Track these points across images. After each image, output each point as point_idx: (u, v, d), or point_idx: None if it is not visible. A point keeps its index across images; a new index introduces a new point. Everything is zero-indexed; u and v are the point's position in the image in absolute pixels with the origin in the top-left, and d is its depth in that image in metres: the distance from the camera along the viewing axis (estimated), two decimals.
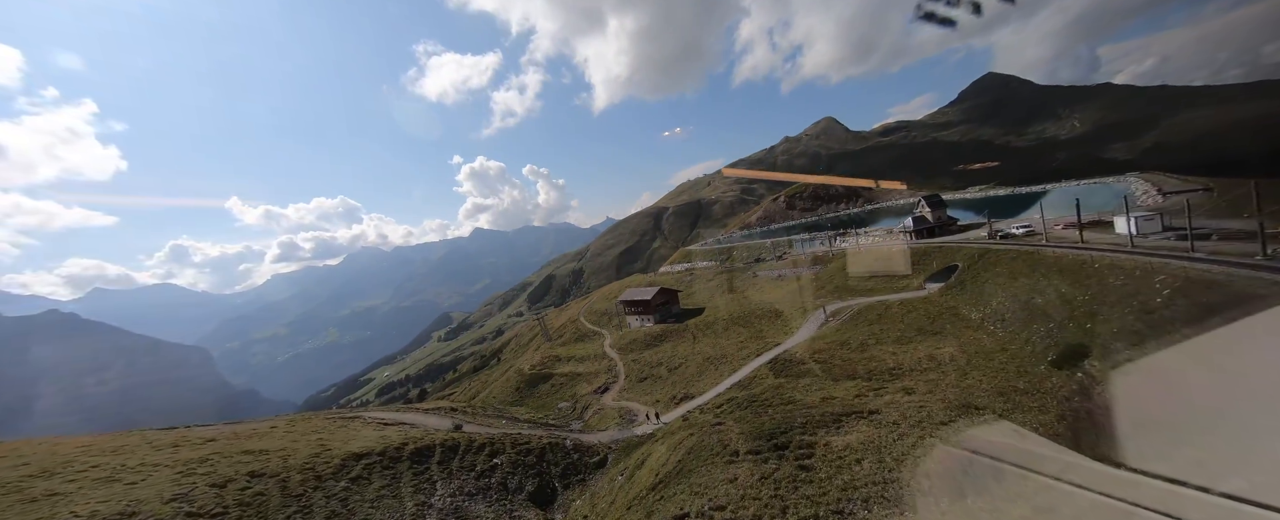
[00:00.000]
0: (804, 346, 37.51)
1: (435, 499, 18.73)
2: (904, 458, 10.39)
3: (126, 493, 13.54)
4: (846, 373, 27.29)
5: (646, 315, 68.01)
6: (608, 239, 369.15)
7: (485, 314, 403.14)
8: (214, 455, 18.62)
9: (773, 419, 16.12)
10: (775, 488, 9.87)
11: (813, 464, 10.84)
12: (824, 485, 9.86)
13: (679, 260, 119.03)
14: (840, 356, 31.51)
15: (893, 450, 11.00)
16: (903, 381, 22.02)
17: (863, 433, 12.50)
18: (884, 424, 13.27)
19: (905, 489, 8.64)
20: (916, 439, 11.28)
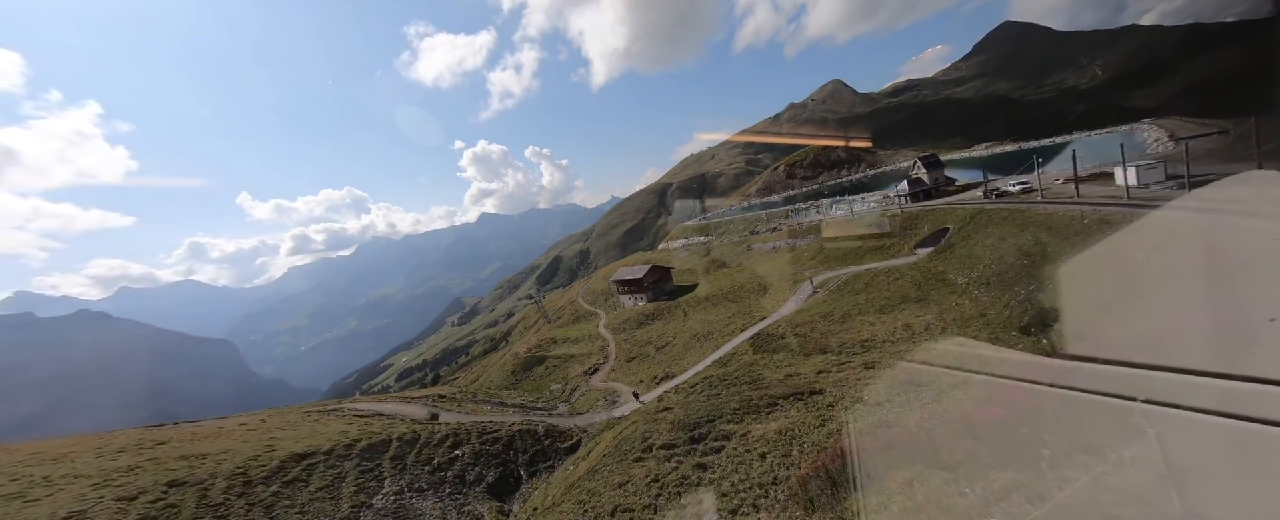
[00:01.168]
0: (787, 320, 36.34)
1: (377, 499, 18.33)
2: (816, 448, 9.35)
3: (18, 512, 13.21)
4: (819, 347, 26.14)
5: (639, 294, 67.26)
6: (613, 218, 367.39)
7: (496, 298, 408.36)
8: (150, 462, 18.36)
9: (709, 404, 15.16)
10: (659, 492, 8.95)
11: (716, 461, 9.86)
12: (711, 487, 9.01)
13: (678, 236, 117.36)
14: (819, 329, 30.30)
15: (807, 439, 9.94)
16: (871, 354, 20.80)
17: (792, 418, 11.46)
18: (817, 407, 12.20)
19: (796, 490, 7.65)
20: (838, 426, 10.24)
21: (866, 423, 9.23)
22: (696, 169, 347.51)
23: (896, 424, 7.80)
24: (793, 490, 7.41)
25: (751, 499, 7.88)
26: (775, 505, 7.52)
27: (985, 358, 9.10)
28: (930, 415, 7.46)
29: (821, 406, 12.16)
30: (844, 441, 7.72)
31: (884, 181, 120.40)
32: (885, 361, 18.21)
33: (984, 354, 9.97)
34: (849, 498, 6.49)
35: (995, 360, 8.10)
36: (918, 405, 8.29)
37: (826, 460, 7.14)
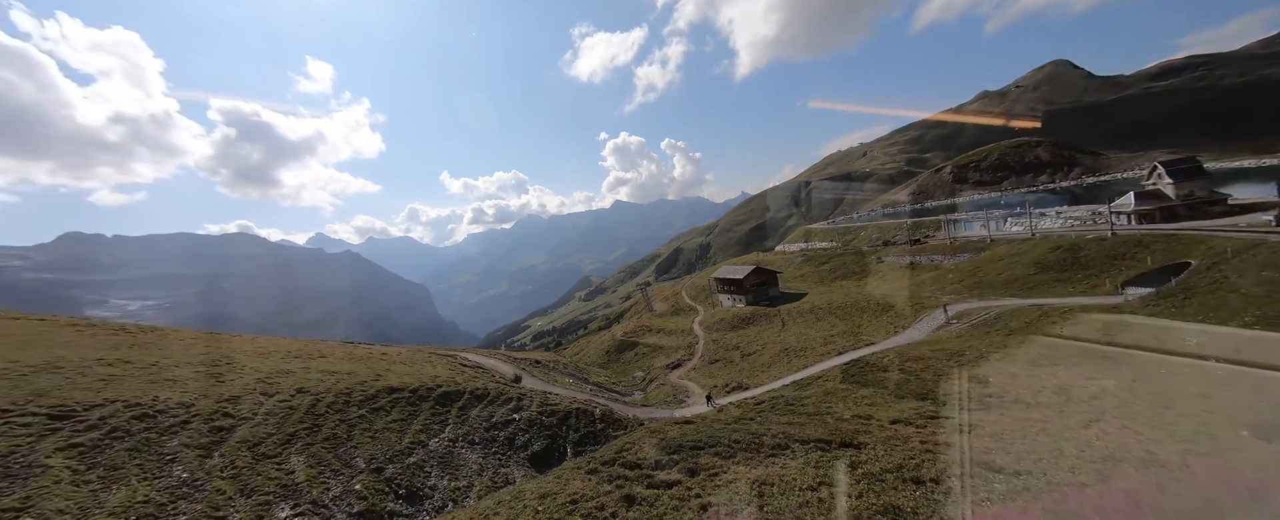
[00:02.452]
0: (898, 351, 29.74)
1: (433, 441, 20.53)
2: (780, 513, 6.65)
3: (204, 386, 18.64)
4: (920, 390, 20.65)
5: (739, 295, 63.39)
6: (738, 214, 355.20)
7: (619, 280, 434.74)
8: (302, 368, 24.00)
9: (713, 429, 12.71)
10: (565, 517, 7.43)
11: (655, 498, 7.88)
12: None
13: (798, 239, 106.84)
14: (934, 369, 23.91)
15: (779, 500, 7.22)
16: (986, 415, 15.33)
17: (786, 469, 8.67)
18: (832, 461, 9.03)
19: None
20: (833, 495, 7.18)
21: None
22: (842, 167, 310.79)
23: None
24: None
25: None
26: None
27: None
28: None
29: (835, 462, 9.02)
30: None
31: (1104, 193, 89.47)
32: (990, 433, 13.13)
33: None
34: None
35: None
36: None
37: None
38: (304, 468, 15.53)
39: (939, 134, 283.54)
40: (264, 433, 16.79)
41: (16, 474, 11.30)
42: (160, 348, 26.31)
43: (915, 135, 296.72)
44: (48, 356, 19.99)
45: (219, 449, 15.17)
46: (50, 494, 10.84)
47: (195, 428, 15.79)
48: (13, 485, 10.86)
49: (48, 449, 12.45)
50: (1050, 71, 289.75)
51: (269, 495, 13.52)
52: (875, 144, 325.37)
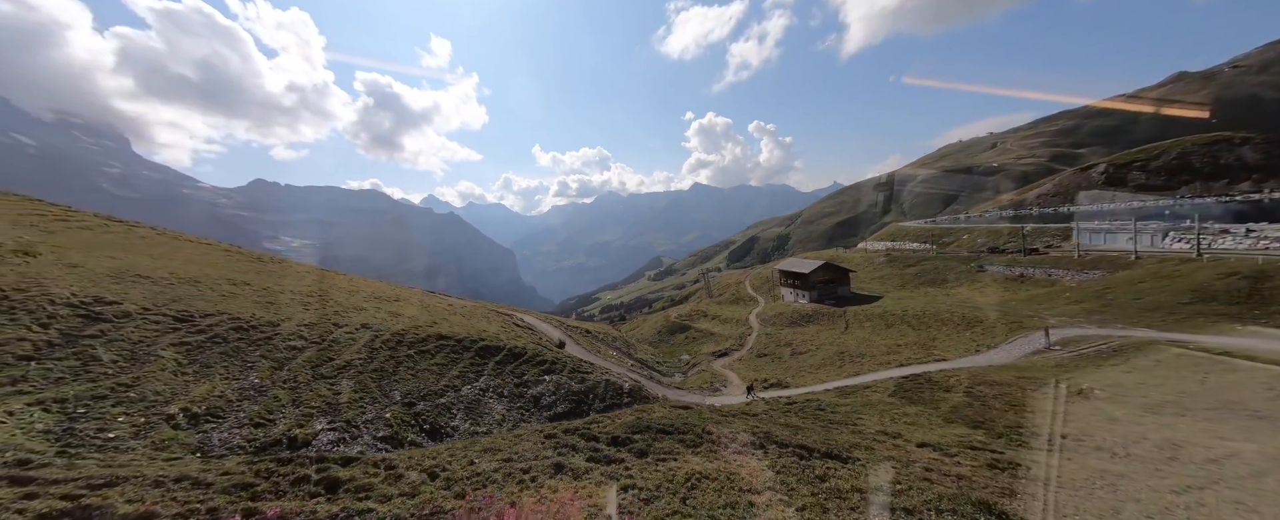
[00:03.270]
0: (972, 373, 25.59)
1: (466, 388, 22.24)
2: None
3: (296, 310, 22.03)
4: (981, 418, 17.59)
5: (802, 290, 59.17)
6: (825, 206, 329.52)
7: (689, 263, 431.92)
8: (375, 307, 27.42)
9: (693, 417, 11.71)
10: (507, 469, 7.07)
11: (577, 471, 7.31)
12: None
13: (886, 237, 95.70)
14: (1008, 397, 20.21)
15: (696, 498, 6.16)
16: (1048, 456, 12.48)
17: (739, 469, 7.59)
18: (792, 470, 7.69)
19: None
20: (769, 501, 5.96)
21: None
22: (961, 159, 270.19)
23: None
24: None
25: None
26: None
27: None
28: None
29: (804, 471, 7.72)
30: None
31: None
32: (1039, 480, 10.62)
33: None
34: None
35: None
36: None
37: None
38: (349, 392, 17.71)
39: (1102, 125, 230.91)
40: (325, 356, 19.42)
41: (139, 358, 14.36)
42: (280, 276, 31.65)
43: (1068, 126, 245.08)
44: (195, 273, 24.97)
45: (288, 364, 17.86)
46: (154, 377, 13.60)
47: (275, 344, 18.76)
48: (133, 366, 13.81)
49: (165, 344, 15.61)
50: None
51: (314, 409, 15.65)
52: (1010, 134, 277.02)
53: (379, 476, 6.73)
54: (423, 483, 6.57)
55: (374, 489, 6.22)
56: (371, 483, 6.46)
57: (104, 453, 9.46)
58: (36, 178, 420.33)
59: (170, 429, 11.82)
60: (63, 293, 15.80)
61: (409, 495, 5.94)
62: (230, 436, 12.63)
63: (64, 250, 21.57)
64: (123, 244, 28.31)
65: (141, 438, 11.02)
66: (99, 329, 14.82)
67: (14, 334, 12.78)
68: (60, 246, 22.60)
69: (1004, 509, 7.52)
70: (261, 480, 6.31)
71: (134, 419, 11.65)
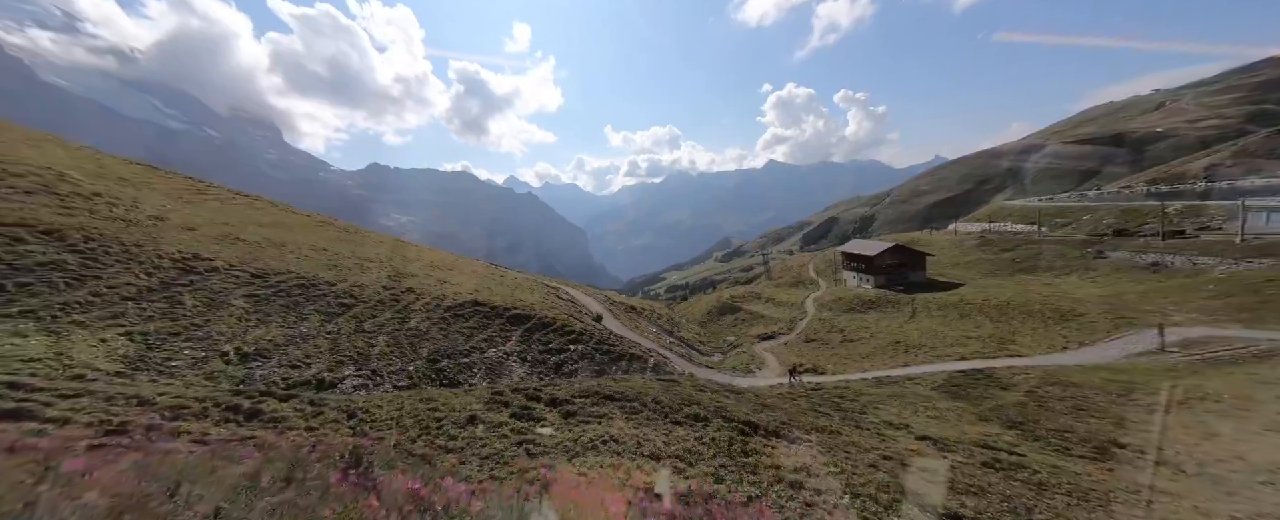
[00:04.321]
0: (1050, 373, 21.51)
1: (491, 351, 23.64)
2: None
3: (356, 274, 24.91)
4: (1024, 419, 14.81)
5: (867, 275, 53.86)
6: (923, 183, 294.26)
7: (759, 245, 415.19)
8: (429, 275, 30.13)
9: (648, 387, 10.92)
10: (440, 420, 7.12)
11: (490, 424, 6.99)
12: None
13: (984, 218, 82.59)
14: (1080, 401, 16.71)
15: (590, 460, 5.58)
16: (1098, 468, 10.02)
17: (660, 437, 6.73)
18: (716, 441, 6.68)
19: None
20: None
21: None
22: (1113, 124, 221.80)
23: None
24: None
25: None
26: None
27: None
28: None
29: (728, 444, 6.76)
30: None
31: None
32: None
33: None
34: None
35: None
36: None
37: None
38: (382, 345, 19.68)
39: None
40: (369, 313, 21.73)
41: (215, 304, 17.19)
42: (357, 244, 35.95)
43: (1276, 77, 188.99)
44: (285, 238, 29.18)
45: (335, 319, 20.27)
46: (222, 321, 16.20)
47: (328, 300, 21.37)
48: (208, 311, 16.57)
49: (238, 295, 18.50)
50: None
51: (346, 358, 17.64)
52: (1187, 91, 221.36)
53: (304, 412, 7.38)
54: (332, 420, 7.06)
55: (285, 419, 6.84)
56: (288, 415, 7.11)
57: (155, 376, 11.46)
58: (216, 162, 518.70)
59: (222, 363, 14.01)
60: (171, 249, 19.30)
61: (308, 429, 6.44)
62: (269, 374, 14.68)
63: (188, 217, 26.40)
64: (239, 214, 33.94)
65: (197, 369, 13.18)
66: (190, 280, 17.92)
67: (125, 279, 15.90)
68: (189, 214, 27.71)
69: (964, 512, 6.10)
70: (197, 404, 7.28)
71: (196, 353, 13.97)
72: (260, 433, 6.11)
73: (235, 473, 3.31)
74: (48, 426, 4.93)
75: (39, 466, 2.92)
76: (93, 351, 11.46)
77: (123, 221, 20.50)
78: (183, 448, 4.49)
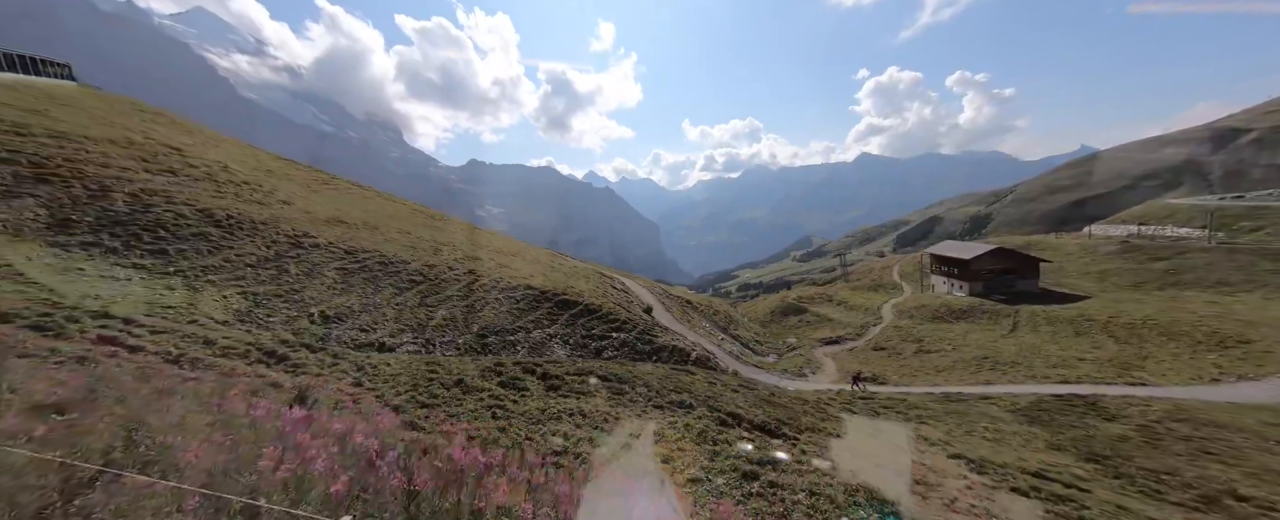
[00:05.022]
0: (1180, 404, 17.14)
1: (536, 331, 25.15)
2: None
3: (431, 256, 27.97)
4: (1114, 454, 12.08)
5: (960, 280, 47.22)
6: (1057, 177, 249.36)
7: (844, 245, 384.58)
8: (493, 261, 32.86)
9: (649, 374, 10.44)
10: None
11: (475, 390, 7.17)
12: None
13: (1131, 219, 66.80)
14: (1215, 447, 13.16)
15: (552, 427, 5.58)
16: (1154, 514, 7.76)
17: (620, 411, 6.52)
18: (694, 426, 6.19)
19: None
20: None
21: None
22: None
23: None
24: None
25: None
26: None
27: None
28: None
29: (697, 432, 6.29)
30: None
31: None
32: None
33: None
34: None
35: None
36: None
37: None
38: (439, 318, 21.96)
39: None
40: (433, 290, 24.33)
41: (312, 274, 20.54)
42: (438, 230, 40.32)
43: None
44: (381, 223, 33.69)
45: (405, 293, 23.04)
46: (314, 288, 19.32)
47: (401, 277, 24.34)
48: (306, 279, 19.87)
49: (331, 267, 21.89)
50: None
51: (407, 327, 20.00)
52: None
53: (323, 362, 8.64)
54: (341, 370, 8.15)
55: (303, 365, 8.09)
56: (307, 363, 8.38)
57: (252, 328, 14.09)
58: (354, 159, 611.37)
59: (307, 323, 16.74)
60: (287, 228, 23.41)
61: (316, 374, 7.55)
62: (342, 334, 17.22)
63: (310, 203, 31.78)
64: (350, 202, 39.92)
65: (287, 326, 15.92)
66: (297, 253, 21.61)
67: (250, 249, 19.66)
68: (311, 200, 33.33)
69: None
70: (244, 347, 8.89)
71: (290, 312, 16.86)
72: (268, 371, 7.40)
73: (145, 389, 4.06)
74: (120, 350, 6.54)
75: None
76: (214, 304, 14.42)
77: (258, 204, 25.27)
78: (175, 370, 5.66)
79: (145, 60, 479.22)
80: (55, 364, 5.13)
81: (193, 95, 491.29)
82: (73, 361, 5.38)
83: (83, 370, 4.90)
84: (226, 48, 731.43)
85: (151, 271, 15.03)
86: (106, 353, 6.01)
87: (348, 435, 4.23)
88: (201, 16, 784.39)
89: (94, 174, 18.69)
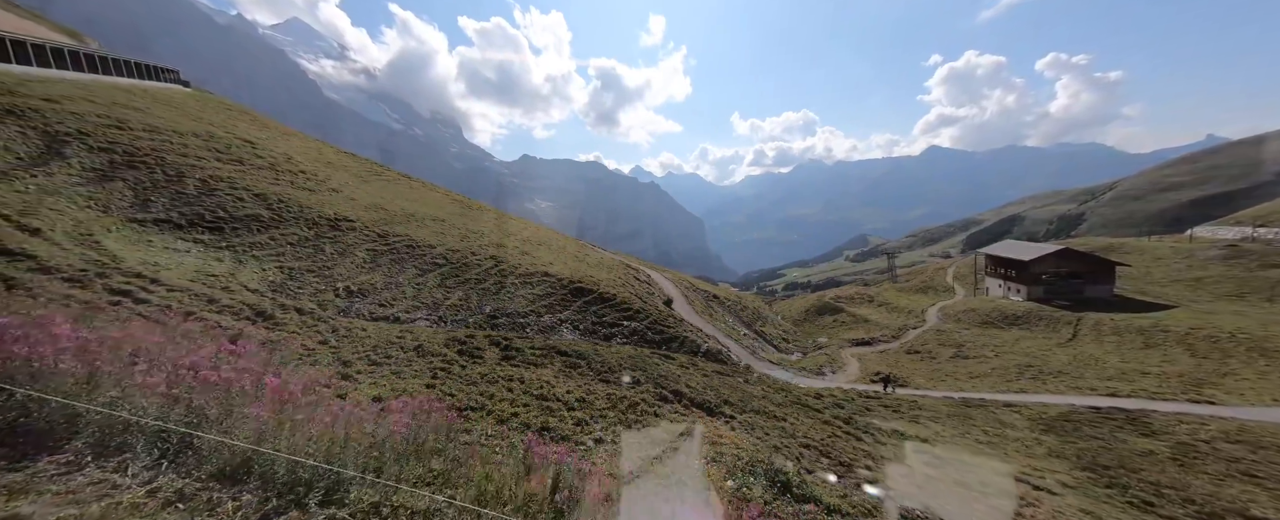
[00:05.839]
0: (1245, 427, 14.67)
1: (547, 316, 26.10)
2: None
3: (459, 242, 29.79)
4: (1122, 467, 10.72)
5: (1016, 284, 42.80)
6: (1172, 173, 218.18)
7: (905, 245, 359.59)
8: (517, 249, 34.35)
9: (655, 363, 10.37)
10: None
11: (479, 356, 7.67)
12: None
13: (1248, 220, 56.24)
14: (1269, 471, 11.23)
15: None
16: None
17: (563, 383, 6.59)
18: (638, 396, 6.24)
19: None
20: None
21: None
22: None
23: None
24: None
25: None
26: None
27: None
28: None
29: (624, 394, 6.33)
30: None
31: None
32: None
33: None
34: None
35: None
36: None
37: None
38: (454, 299, 23.44)
39: None
40: (453, 273, 25.95)
41: (344, 253, 22.68)
42: (472, 219, 42.72)
43: None
44: (417, 210, 36.28)
45: (427, 274, 24.79)
46: (343, 266, 21.34)
47: (427, 259, 26.17)
48: (338, 257, 21.99)
49: (362, 248, 24.01)
50: None
51: (422, 305, 21.56)
52: None
53: (303, 322, 9.69)
54: (315, 330, 9.11)
55: (283, 324, 9.14)
56: (287, 322, 9.43)
57: (280, 297, 15.91)
58: (419, 154, 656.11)
59: (332, 296, 18.58)
60: (329, 212, 25.94)
61: (290, 332, 8.53)
62: (361, 308, 18.95)
63: (357, 190, 34.90)
64: (395, 191, 43.25)
65: (313, 297, 17.79)
66: (334, 234, 23.92)
67: (294, 230, 22.06)
68: (358, 189, 36.57)
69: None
70: (244, 307, 10.19)
71: (318, 286, 18.80)
72: (248, 326, 8.51)
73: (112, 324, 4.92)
74: (125, 301, 7.87)
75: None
76: (252, 276, 16.43)
77: (307, 191, 28.16)
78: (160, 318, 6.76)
79: (250, 67, 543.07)
80: (58, 302, 6.28)
81: (288, 96, 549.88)
82: (77, 304, 6.52)
83: (70, 308, 5.93)
84: (315, 53, 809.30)
85: (207, 245, 17.37)
86: (111, 301, 7.28)
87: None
88: (296, 25, 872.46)
89: (174, 161, 21.81)
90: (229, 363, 4.32)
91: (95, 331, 3.93)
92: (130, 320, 5.58)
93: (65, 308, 5.47)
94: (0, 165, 15.02)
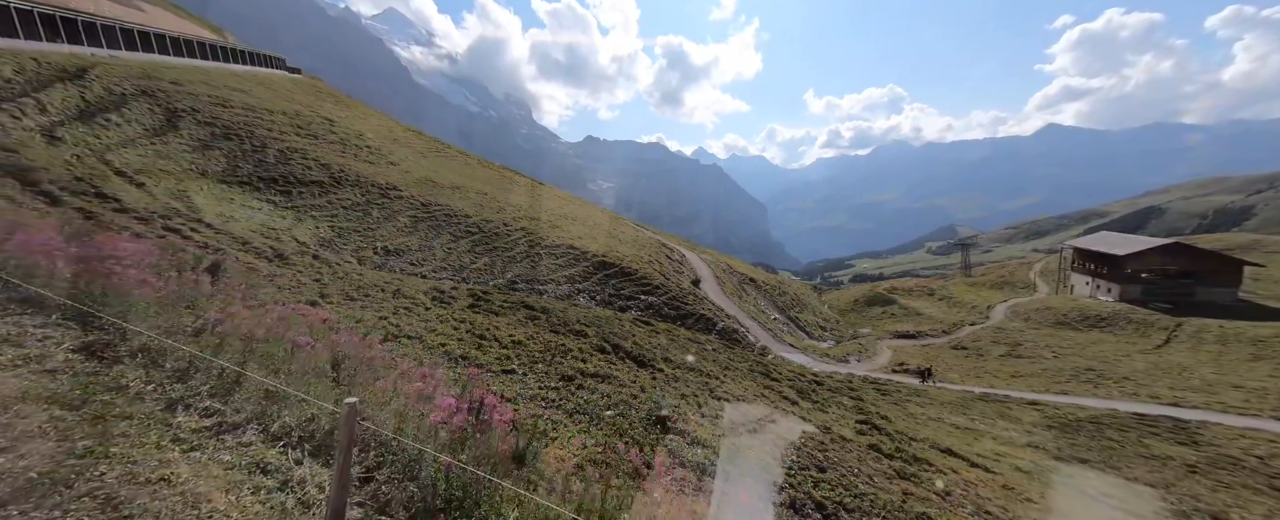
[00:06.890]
0: None
1: (567, 285, 27.42)
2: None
3: (493, 214, 32.04)
4: (1118, 452, 9.57)
5: (1108, 282, 36.87)
6: None
7: (1002, 238, 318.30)
8: (548, 223, 36.15)
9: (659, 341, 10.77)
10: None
11: (491, 328, 8.77)
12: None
13: None
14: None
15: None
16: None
17: (552, 337, 7.18)
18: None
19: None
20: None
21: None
22: None
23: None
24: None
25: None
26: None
27: None
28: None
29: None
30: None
31: None
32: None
33: None
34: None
35: None
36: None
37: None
38: (480, 264, 25.58)
39: None
40: (482, 240, 28.17)
41: (388, 218, 25.57)
42: (511, 191, 45.31)
43: None
44: (464, 183, 39.25)
45: (459, 240, 27.19)
46: (385, 228, 24.13)
47: (460, 228, 28.62)
48: (383, 221, 24.89)
49: (405, 214, 26.84)
50: None
51: (449, 267, 23.84)
52: None
53: (312, 267, 11.53)
54: (315, 270, 10.85)
55: (293, 264, 10.98)
56: (298, 263, 11.29)
57: (324, 251, 18.63)
58: (493, 134, 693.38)
59: (371, 253, 21.28)
60: (382, 182, 29.18)
61: (297, 270, 10.28)
62: (395, 265, 21.50)
63: (415, 165, 38.60)
64: (451, 166, 47.01)
65: (354, 253, 20.52)
66: (383, 201, 26.99)
67: (348, 195, 25.27)
68: (417, 163, 40.37)
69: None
70: (268, 248, 12.27)
71: (360, 243, 21.60)
72: (264, 265, 10.41)
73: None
74: (170, 235, 10.07)
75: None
76: (306, 231, 19.34)
77: (368, 164, 31.77)
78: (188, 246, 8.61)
79: (354, 54, 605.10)
80: (123, 231, 8.27)
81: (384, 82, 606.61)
82: (129, 233, 8.52)
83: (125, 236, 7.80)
84: (407, 41, 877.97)
85: (277, 205, 20.64)
86: (158, 235, 9.38)
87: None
88: (392, 15, 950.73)
89: (260, 134, 25.81)
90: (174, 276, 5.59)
91: (90, 245, 5.37)
92: (129, 237, 7.28)
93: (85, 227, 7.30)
94: (131, 133, 19.02)
